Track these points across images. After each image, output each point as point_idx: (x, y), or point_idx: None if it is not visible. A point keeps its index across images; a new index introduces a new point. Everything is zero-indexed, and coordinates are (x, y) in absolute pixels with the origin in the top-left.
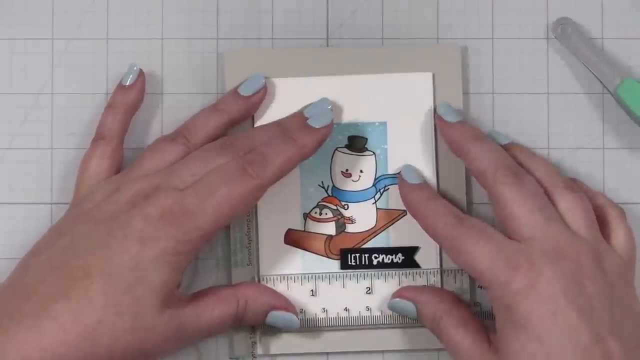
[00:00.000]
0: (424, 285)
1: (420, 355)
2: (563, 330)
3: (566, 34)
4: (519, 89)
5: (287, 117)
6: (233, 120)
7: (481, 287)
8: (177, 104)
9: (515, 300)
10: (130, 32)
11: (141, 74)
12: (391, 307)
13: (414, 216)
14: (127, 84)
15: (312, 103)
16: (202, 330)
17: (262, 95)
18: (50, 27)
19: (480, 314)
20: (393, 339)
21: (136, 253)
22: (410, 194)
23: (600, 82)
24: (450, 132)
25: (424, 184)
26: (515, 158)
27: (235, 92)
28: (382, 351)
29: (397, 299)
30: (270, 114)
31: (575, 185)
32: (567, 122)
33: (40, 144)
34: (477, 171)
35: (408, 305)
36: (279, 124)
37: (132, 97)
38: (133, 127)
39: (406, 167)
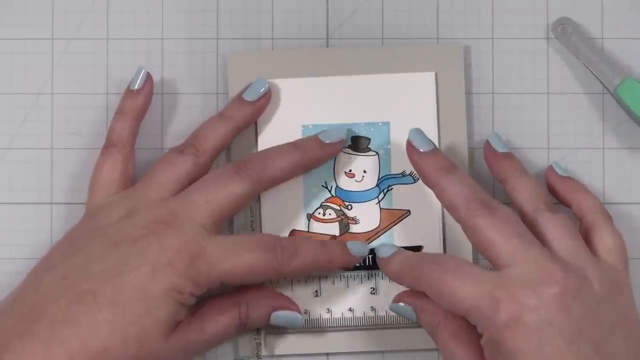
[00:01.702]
0: None
1: (422, 355)
2: (550, 359)
3: (566, 34)
4: (519, 89)
5: (302, 138)
6: (240, 127)
7: None
8: (177, 104)
9: (500, 334)
10: (130, 32)
11: (149, 77)
12: (392, 309)
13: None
14: (136, 88)
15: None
16: (208, 342)
17: (267, 99)
18: (50, 27)
19: None
20: (400, 338)
21: (146, 284)
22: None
23: (600, 82)
24: (420, 161)
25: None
26: (504, 173)
27: (239, 98)
28: (382, 351)
29: (398, 303)
30: (274, 116)
31: (556, 206)
32: (567, 122)
33: (40, 144)
34: (449, 205)
35: (408, 310)
36: (293, 144)
37: (140, 101)
38: None
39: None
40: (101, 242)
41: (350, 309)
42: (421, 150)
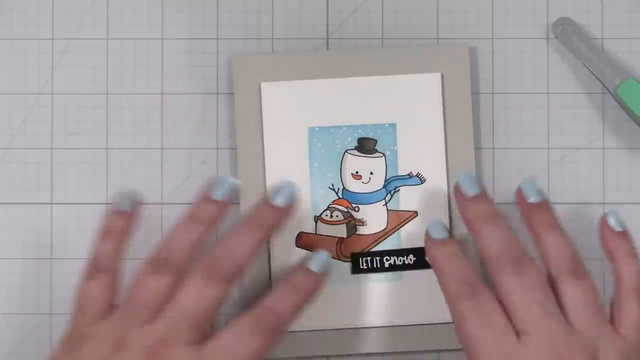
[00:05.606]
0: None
1: (424, 356)
2: None
3: (566, 34)
4: (519, 89)
5: (254, 208)
6: (211, 227)
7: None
8: (177, 104)
9: None
10: (130, 32)
11: (137, 200)
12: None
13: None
14: (126, 210)
15: (276, 185)
16: None
17: (232, 197)
18: (50, 27)
19: None
20: (408, 339)
21: None
22: (433, 248)
23: (600, 82)
24: (466, 208)
25: (450, 240)
26: (535, 227)
27: (207, 198)
28: (382, 353)
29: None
30: (281, 118)
31: (582, 270)
32: (567, 122)
33: (40, 144)
34: (482, 256)
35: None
36: (250, 222)
37: (129, 223)
38: (133, 128)
39: (433, 223)
40: None
41: (357, 312)
42: (469, 194)
